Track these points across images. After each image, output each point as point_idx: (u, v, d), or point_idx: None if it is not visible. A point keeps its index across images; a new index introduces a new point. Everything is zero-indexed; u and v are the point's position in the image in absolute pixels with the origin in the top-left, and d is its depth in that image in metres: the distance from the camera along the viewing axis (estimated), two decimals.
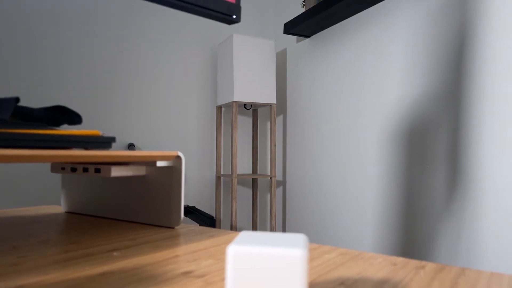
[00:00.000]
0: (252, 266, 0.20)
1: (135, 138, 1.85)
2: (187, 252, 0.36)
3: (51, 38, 1.63)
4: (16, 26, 1.56)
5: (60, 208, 0.64)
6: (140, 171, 0.47)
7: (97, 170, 0.43)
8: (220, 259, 0.34)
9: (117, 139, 1.80)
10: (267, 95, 1.87)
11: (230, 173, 2.09)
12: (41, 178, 1.60)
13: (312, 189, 1.86)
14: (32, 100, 1.58)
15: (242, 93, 1.80)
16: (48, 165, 1.63)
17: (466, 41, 1.13)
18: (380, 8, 1.47)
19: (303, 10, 2.00)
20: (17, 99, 0.40)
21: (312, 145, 1.87)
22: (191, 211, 1.78)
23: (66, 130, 0.39)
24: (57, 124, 0.46)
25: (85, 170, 0.45)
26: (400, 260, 0.34)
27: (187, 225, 0.48)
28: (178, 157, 0.46)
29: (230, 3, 0.59)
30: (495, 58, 1.04)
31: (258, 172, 2.22)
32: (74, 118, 0.47)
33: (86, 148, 0.40)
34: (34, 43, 1.59)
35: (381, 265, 0.32)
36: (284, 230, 2.10)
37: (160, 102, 1.92)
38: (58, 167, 0.49)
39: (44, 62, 1.62)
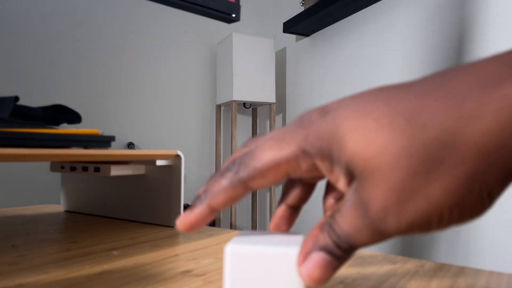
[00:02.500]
0: (249, 265, 0.20)
1: (135, 137, 1.84)
2: (187, 251, 0.36)
3: (51, 38, 1.63)
4: (16, 26, 1.55)
5: (59, 207, 0.64)
6: (139, 170, 0.47)
7: (97, 169, 0.43)
8: (220, 258, 0.34)
9: (116, 138, 1.80)
10: (266, 94, 1.87)
11: None
12: (40, 177, 1.60)
13: None
14: (31, 99, 1.58)
15: (242, 92, 1.80)
16: (47, 164, 1.63)
17: (465, 39, 1.13)
18: (379, 6, 1.47)
19: (302, 9, 2.00)
20: (16, 98, 0.40)
21: None
22: None
23: (65, 129, 0.39)
24: (57, 123, 0.46)
25: (85, 169, 0.45)
26: (400, 258, 0.34)
27: None
28: (178, 156, 0.46)
29: (230, 2, 0.59)
30: None
31: None
32: (73, 117, 0.47)
33: (85, 147, 0.40)
34: (33, 42, 1.59)
35: (381, 264, 0.32)
36: None
37: (159, 101, 1.92)
38: (58, 166, 0.49)
39: (44, 61, 1.62)
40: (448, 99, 0.15)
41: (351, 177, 0.18)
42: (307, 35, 1.91)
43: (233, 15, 0.59)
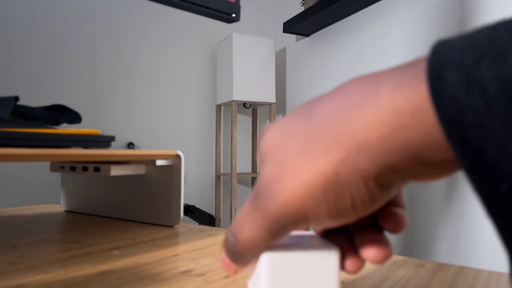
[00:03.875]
0: (289, 269, 0.20)
1: (135, 137, 1.84)
2: (187, 251, 0.36)
3: (51, 37, 1.63)
4: (16, 25, 1.55)
5: (59, 207, 0.64)
6: (139, 170, 0.47)
7: (97, 169, 0.43)
8: (220, 257, 0.34)
9: (116, 138, 1.80)
10: (266, 94, 1.87)
11: (230, 172, 2.09)
12: (40, 177, 1.60)
13: None
14: (31, 99, 1.58)
15: (242, 92, 1.80)
16: (47, 164, 1.63)
17: None
18: (380, 6, 1.47)
19: (302, 8, 2.00)
20: (16, 98, 0.40)
21: None
22: (190, 210, 1.78)
23: (65, 129, 0.39)
24: (57, 123, 0.46)
25: (85, 169, 0.45)
26: (400, 258, 0.34)
27: (186, 224, 0.48)
28: (178, 156, 0.46)
29: (230, 2, 0.59)
30: None
31: (257, 171, 2.22)
32: (73, 117, 0.47)
33: (85, 147, 0.40)
34: (33, 42, 1.59)
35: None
36: None
37: (159, 101, 1.92)
38: (58, 166, 0.49)
39: (43, 61, 1.62)
40: (344, 96, 0.17)
41: None
42: (307, 35, 1.91)
43: (233, 15, 0.59)
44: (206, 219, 1.62)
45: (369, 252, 0.19)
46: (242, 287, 0.27)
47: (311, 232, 0.24)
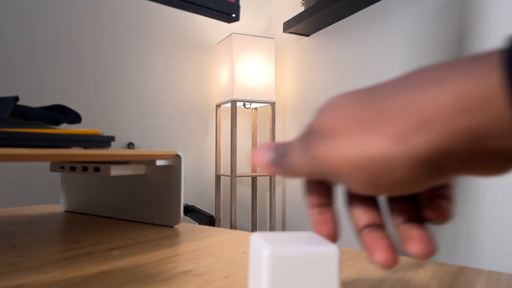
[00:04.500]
0: (290, 267, 0.20)
1: (135, 137, 1.84)
2: (187, 251, 0.36)
3: (50, 37, 1.63)
4: (15, 25, 1.55)
5: (59, 207, 0.64)
6: (139, 170, 0.47)
7: (97, 169, 0.43)
8: (220, 258, 0.34)
9: (116, 138, 1.80)
10: (266, 94, 1.87)
11: (230, 172, 2.09)
12: (40, 177, 1.60)
13: None
14: (31, 99, 1.58)
15: (242, 92, 1.80)
16: (47, 164, 1.63)
17: (466, 38, 1.13)
18: (380, 6, 1.47)
19: (302, 8, 2.00)
20: (16, 98, 0.40)
21: None
22: (190, 210, 1.78)
23: (65, 129, 0.39)
24: (57, 123, 0.46)
25: (85, 169, 0.45)
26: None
27: (186, 224, 0.48)
28: (178, 156, 0.46)
29: (230, 2, 0.59)
30: None
31: (257, 171, 2.22)
32: (73, 117, 0.47)
33: (85, 147, 0.40)
34: (33, 42, 1.59)
35: None
36: (283, 229, 2.10)
37: (159, 101, 1.92)
38: (58, 166, 0.49)
39: (43, 61, 1.62)
40: (407, 81, 0.17)
41: None
42: (307, 35, 1.91)
43: (233, 15, 0.59)
44: (206, 219, 1.62)
45: (414, 247, 0.19)
46: (242, 287, 0.27)
47: (312, 232, 0.24)
